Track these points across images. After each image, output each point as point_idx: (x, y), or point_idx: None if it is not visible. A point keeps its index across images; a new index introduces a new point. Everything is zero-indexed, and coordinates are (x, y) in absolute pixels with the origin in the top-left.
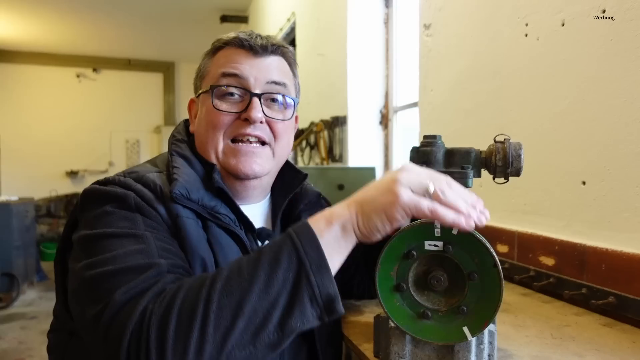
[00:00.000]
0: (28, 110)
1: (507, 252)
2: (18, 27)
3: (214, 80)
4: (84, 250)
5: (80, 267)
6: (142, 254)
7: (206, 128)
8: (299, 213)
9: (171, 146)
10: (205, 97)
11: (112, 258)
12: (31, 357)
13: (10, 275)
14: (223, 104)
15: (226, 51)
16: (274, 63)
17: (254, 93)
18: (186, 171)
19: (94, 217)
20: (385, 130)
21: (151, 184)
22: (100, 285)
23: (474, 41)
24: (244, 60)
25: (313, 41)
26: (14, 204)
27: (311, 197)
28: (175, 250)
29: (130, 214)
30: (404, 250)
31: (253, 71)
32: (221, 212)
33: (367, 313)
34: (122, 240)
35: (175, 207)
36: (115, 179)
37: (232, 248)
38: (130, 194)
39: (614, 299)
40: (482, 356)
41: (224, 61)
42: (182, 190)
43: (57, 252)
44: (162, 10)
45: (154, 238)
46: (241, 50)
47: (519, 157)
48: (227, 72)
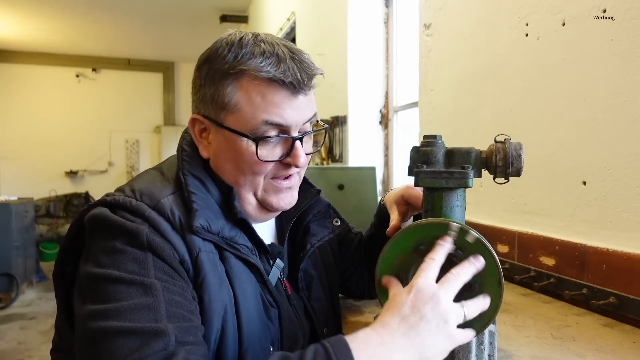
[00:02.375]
0: (27, 110)
1: (508, 252)
2: (18, 27)
3: (252, 127)
4: (89, 290)
5: (84, 314)
6: (149, 311)
7: (243, 172)
8: (308, 224)
9: (182, 162)
10: (237, 138)
11: (115, 311)
12: (30, 357)
13: (10, 276)
14: (263, 150)
15: (259, 87)
16: (310, 96)
17: (296, 137)
18: (204, 197)
19: (102, 251)
20: (385, 130)
21: (168, 212)
22: (102, 345)
23: (474, 41)
24: (285, 104)
25: (313, 41)
26: (13, 204)
27: (321, 207)
28: (186, 303)
29: (140, 254)
30: (412, 245)
31: (294, 114)
32: (240, 242)
33: (367, 313)
34: (129, 289)
35: (196, 241)
36: (127, 204)
37: (250, 279)
38: (142, 229)
39: (615, 299)
40: (483, 356)
41: (263, 104)
42: (203, 222)
43: (55, 265)
44: (162, 10)
45: (163, 289)
46: (279, 88)
47: (520, 157)
48: (270, 120)
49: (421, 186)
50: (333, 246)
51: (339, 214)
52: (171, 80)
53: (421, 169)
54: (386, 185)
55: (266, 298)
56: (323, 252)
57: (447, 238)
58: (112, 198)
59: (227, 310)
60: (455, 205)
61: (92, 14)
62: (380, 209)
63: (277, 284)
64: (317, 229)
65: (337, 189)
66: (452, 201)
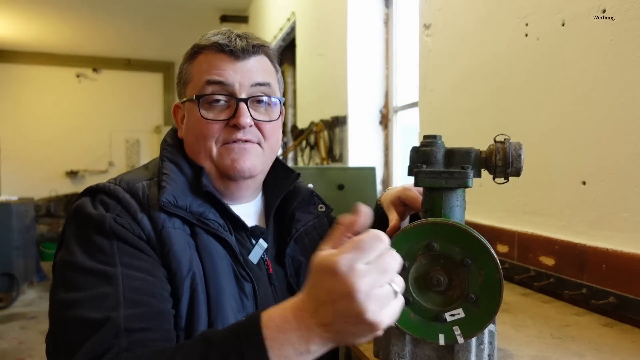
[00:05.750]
0: (28, 110)
1: (507, 252)
2: (18, 27)
3: (198, 89)
4: (61, 277)
5: (55, 301)
6: (107, 300)
7: (196, 138)
8: (293, 211)
9: (162, 151)
10: (191, 105)
11: (78, 300)
12: (31, 357)
13: (10, 275)
14: (210, 113)
15: (206, 56)
16: (256, 64)
17: (240, 98)
18: (175, 177)
19: (73, 239)
20: (385, 130)
21: (140, 192)
22: (62, 333)
23: (474, 41)
24: (226, 66)
25: (313, 41)
26: (14, 204)
27: (304, 194)
28: (147, 287)
29: (106, 243)
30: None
31: (237, 76)
32: (209, 217)
33: None
34: (94, 281)
35: (161, 217)
36: (105, 188)
37: (221, 254)
38: (106, 217)
39: (614, 299)
40: (482, 356)
41: (207, 67)
42: (169, 197)
43: (55, 255)
44: (162, 10)
45: (125, 276)
46: (222, 54)
47: (519, 157)
48: (211, 79)
49: (421, 186)
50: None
51: (323, 200)
52: (171, 80)
53: (421, 169)
54: (386, 186)
55: (239, 272)
56: (315, 244)
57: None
58: (95, 184)
59: (196, 280)
60: (455, 205)
61: (92, 14)
62: (376, 209)
63: (259, 262)
64: (302, 215)
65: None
66: (451, 201)
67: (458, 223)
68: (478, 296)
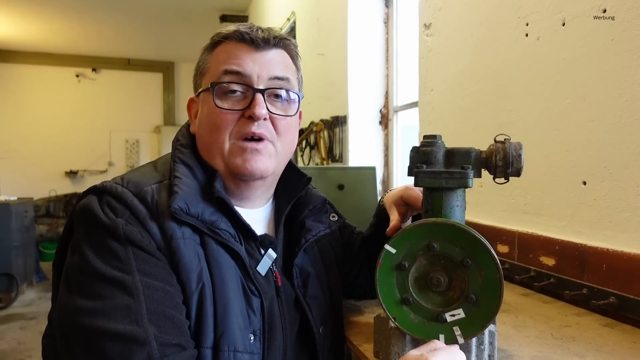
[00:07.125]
0: (27, 110)
1: (508, 252)
2: (18, 27)
3: (215, 78)
4: (75, 282)
5: (72, 307)
6: (130, 312)
7: (209, 129)
8: (304, 219)
9: (175, 152)
10: (206, 95)
11: (101, 311)
12: (30, 357)
13: (10, 276)
14: (225, 103)
15: (226, 46)
16: (277, 57)
17: (257, 89)
18: (187, 182)
19: (86, 244)
20: (385, 130)
21: (149, 197)
22: (90, 342)
23: (474, 41)
24: (245, 55)
25: (313, 41)
26: (13, 204)
27: (316, 202)
28: (167, 298)
29: (120, 249)
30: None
31: (255, 67)
32: (221, 227)
33: (367, 313)
34: (113, 290)
35: (170, 226)
36: (112, 190)
37: (230, 266)
38: (119, 223)
39: (615, 300)
40: (483, 356)
41: (225, 57)
42: (181, 204)
43: (56, 254)
44: (162, 10)
45: (145, 286)
46: (242, 44)
47: (519, 157)
48: (228, 69)
49: (421, 186)
50: (336, 248)
51: (336, 209)
52: (171, 80)
53: (421, 169)
54: (386, 185)
55: (248, 286)
56: (324, 252)
57: None
58: (101, 184)
59: (205, 294)
60: (455, 205)
61: (92, 14)
62: (379, 209)
63: (267, 274)
64: (313, 224)
65: (337, 189)
66: (452, 201)
67: (458, 223)
68: (478, 296)
